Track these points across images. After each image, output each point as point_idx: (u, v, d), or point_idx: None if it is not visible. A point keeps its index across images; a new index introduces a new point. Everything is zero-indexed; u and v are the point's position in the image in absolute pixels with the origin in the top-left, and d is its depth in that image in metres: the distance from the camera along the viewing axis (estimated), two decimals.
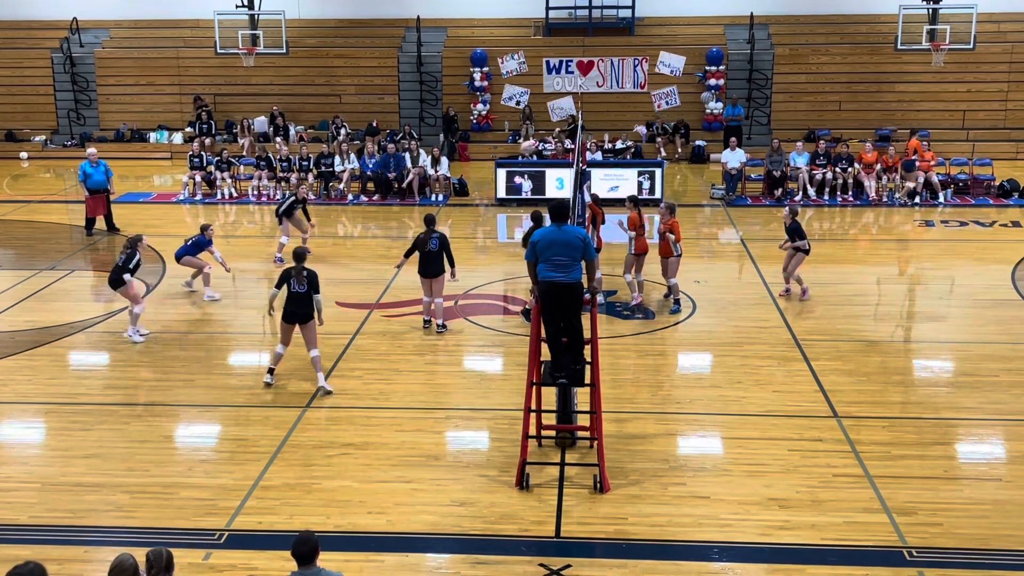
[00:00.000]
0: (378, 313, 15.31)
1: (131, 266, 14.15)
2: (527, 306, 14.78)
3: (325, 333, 14.49)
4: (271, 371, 12.47)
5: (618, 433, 10.96)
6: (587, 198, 16.60)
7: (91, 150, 21.01)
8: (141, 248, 14.41)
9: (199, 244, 16.36)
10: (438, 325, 14.35)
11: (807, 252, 15.60)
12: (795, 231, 15.50)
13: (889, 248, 19.83)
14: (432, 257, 14.21)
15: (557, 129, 26.83)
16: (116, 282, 14.13)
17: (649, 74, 23.23)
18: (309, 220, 18.61)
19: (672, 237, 15.16)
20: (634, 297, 15.63)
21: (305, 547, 6.54)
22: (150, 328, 14.67)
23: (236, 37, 27.53)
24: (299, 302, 12.11)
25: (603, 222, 16.45)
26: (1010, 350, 13.67)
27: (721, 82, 29.37)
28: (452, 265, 14.34)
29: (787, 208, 15.65)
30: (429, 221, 14.43)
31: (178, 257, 16.37)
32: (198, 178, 24.39)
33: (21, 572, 6.00)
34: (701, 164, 28.27)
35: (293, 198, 18.55)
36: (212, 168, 24.62)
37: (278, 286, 12.27)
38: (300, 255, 12.35)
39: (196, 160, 24.61)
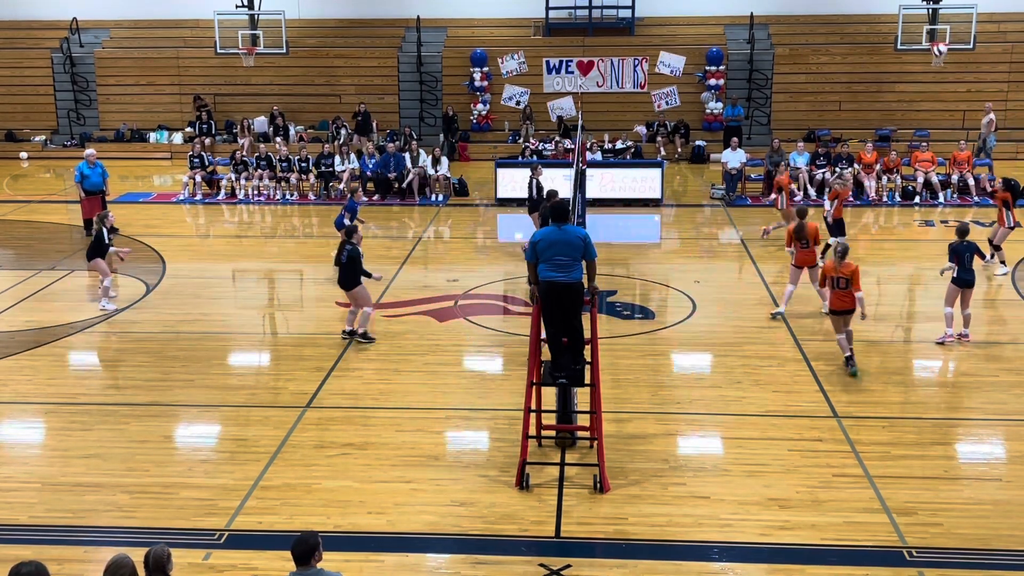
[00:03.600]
0: (378, 313, 15.30)
1: (107, 241, 15.57)
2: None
3: (325, 333, 14.53)
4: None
5: (618, 433, 10.96)
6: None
7: (89, 151, 20.87)
8: (107, 223, 15.76)
9: (351, 208, 17.58)
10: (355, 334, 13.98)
11: (958, 283, 13.48)
12: (953, 251, 13.58)
13: (889, 248, 19.83)
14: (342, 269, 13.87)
15: (556, 138, 26.76)
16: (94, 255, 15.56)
17: (649, 74, 23.24)
18: None
19: None
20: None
21: (300, 547, 6.54)
22: (151, 328, 14.68)
23: (236, 37, 27.53)
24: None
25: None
26: (1010, 350, 13.67)
27: (721, 82, 29.38)
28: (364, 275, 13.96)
29: (959, 225, 13.74)
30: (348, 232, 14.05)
31: (338, 227, 16.93)
32: (198, 178, 24.36)
33: (23, 572, 5.99)
34: (701, 164, 28.27)
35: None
36: (229, 170, 24.53)
37: None
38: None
39: (196, 160, 24.57)
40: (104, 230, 15.55)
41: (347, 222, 17.09)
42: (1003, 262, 16.86)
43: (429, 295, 16.24)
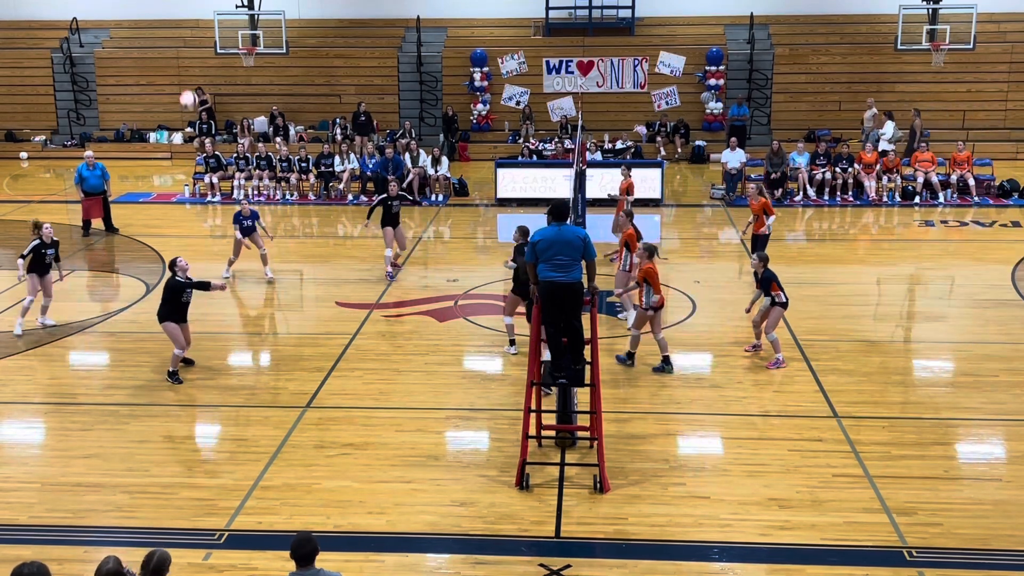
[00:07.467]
0: (378, 313, 15.31)
1: (32, 253, 14.30)
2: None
3: (325, 333, 14.53)
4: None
5: (618, 433, 10.96)
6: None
7: (88, 153, 20.77)
8: (43, 235, 14.43)
9: (236, 221, 16.91)
10: None
11: (785, 306, 13.01)
12: (770, 280, 12.97)
13: (889, 248, 19.83)
14: None
15: (556, 138, 26.77)
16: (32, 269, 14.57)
17: (649, 74, 23.21)
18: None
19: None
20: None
21: (303, 549, 6.55)
22: (151, 328, 14.65)
23: (236, 37, 27.51)
24: None
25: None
26: (1010, 350, 13.67)
27: (721, 82, 29.38)
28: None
29: (754, 256, 13.08)
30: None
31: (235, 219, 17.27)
32: (216, 179, 24.16)
33: (25, 573, 5.99)
34: (701, 164, 28.26)
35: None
36: (233, 169, 24.45)
37: None
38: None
39: (213, 161, 24.34)
40: (40, 240, 14.38)
41: (237, 233, 16.93)
42: None
43: (429, 295, 16.24)
